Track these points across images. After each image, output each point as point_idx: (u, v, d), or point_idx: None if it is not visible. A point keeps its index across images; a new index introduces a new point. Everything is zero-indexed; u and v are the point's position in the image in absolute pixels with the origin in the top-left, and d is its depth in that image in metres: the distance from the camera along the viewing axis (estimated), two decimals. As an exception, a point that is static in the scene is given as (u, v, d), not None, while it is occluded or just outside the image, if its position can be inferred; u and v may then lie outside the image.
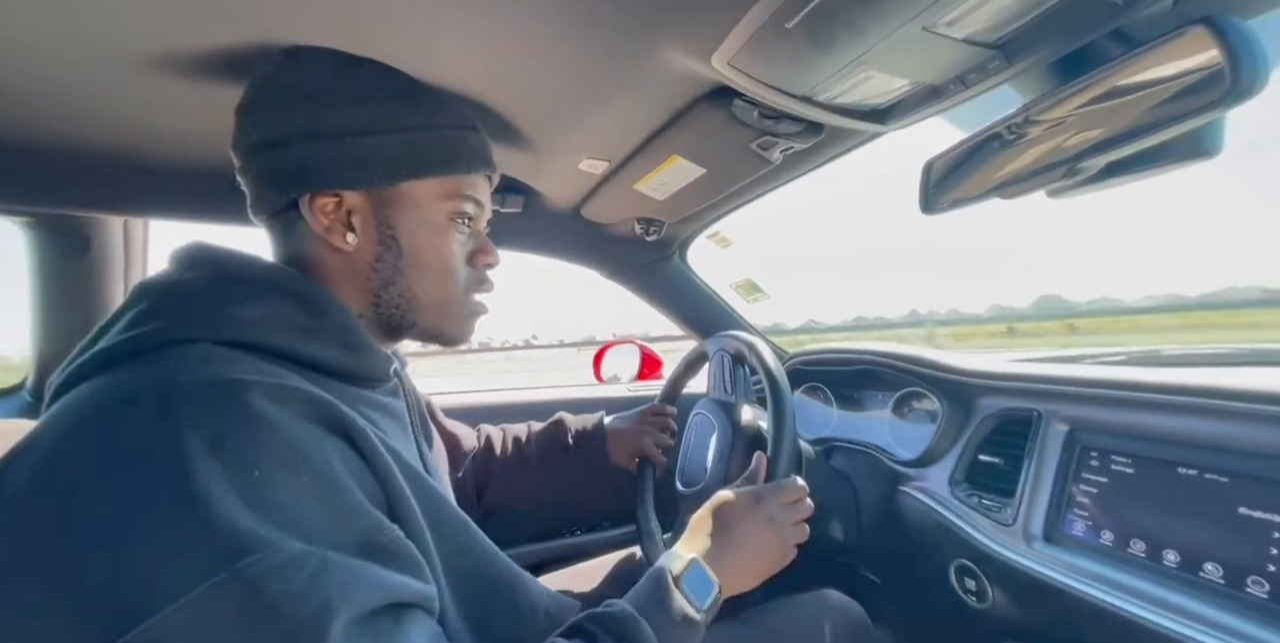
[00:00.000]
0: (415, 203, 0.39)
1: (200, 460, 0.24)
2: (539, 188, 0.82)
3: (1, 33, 0.42)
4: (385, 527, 0.29)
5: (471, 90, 0.54)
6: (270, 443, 0.27)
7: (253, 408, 0.27)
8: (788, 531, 0.45)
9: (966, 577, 0.59)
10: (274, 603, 0.23)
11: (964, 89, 0.45)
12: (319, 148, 0.37)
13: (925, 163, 0.57)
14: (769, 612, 0.62)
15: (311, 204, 0.37)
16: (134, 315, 0.31)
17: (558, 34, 0.45)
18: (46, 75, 0.48)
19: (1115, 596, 0.44)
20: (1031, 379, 0.61)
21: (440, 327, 0.42)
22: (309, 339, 0.34)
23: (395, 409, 0.41)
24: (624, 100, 0.56)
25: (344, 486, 0.28)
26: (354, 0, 0.40)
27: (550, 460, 0.68)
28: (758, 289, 1.16)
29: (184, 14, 0.41)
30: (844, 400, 0.90)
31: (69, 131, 0.58)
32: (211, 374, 0.28)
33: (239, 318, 0.32)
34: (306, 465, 0.27)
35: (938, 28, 0.37)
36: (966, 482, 0.65)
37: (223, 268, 0.35)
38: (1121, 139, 0.42)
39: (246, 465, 0.25)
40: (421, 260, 0.39)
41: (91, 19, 0.41)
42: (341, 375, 0.36)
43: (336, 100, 0.38)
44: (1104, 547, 0.49)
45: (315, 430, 0.29)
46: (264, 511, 0.25)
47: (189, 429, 0.25)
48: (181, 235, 0.43)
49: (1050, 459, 0.56)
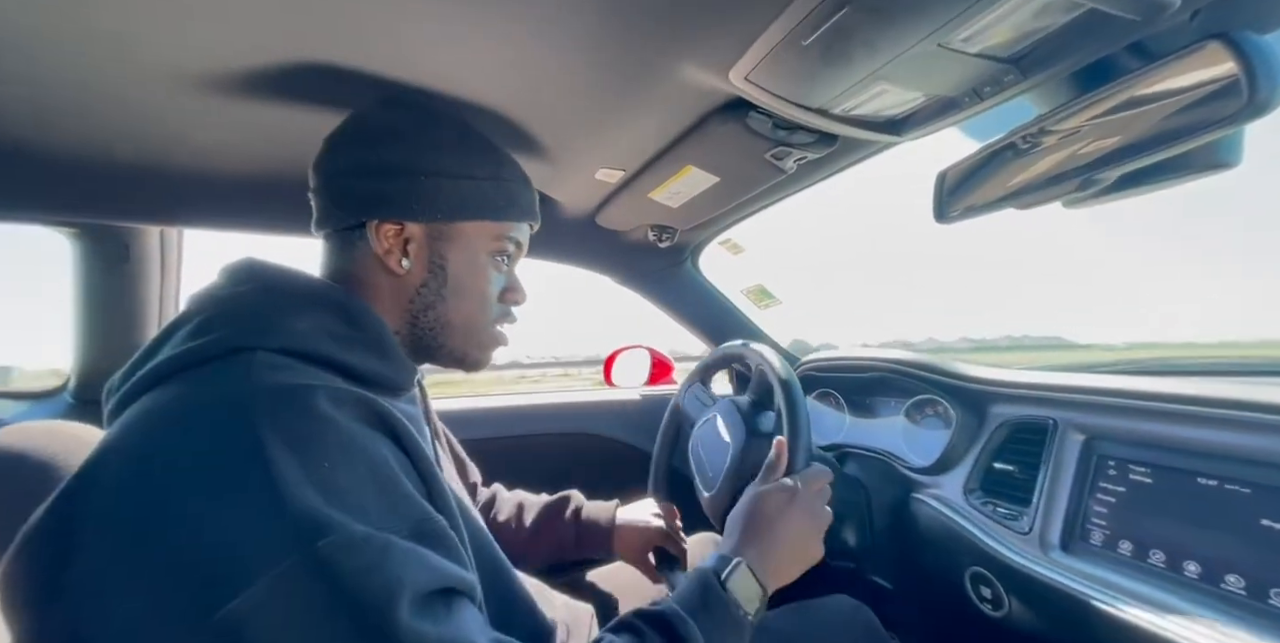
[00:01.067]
0: (467, 239, 0.44)
1: (279, 453, 0.27)
2: (556, 196, 0.84)
3: (50, 55, 0.45)
4: (432, 516, 0.31)
5: (495, 104, 0.56)
6: (334, 439, 0.30)
7: (318, 409, 0.30)
8: (821, 518, 0.48)
9: (982, 585, 0.59)
10: (348, 578, 0.25)
11: (979, 101, 0.46)
12: (395, 182, 0.42)
13: (939, 173, 0.58)
14: (780, 617, 0.61)
15: (377, 229, 0.41)
16: (195, 326, 0.34)
17: (580, 53, 0.46)
18: (90, 94, 0.51)
19: (1135, 606, 0.44)
20: (1047, 388, 0.61)
21: (465, 351, 0.45)
22: (348, 348, 0.37)
23: (415, 416, 0.44)
24: (641, 113, 0.58)
25: (396, 477, 0.31)
26: (383, 24, 0.42)
27: (548, 541, 0.65)
28: (769, 295, 1.17)
29: (220, 37, 0.43)
30: (856, 407, 0.90)
31: (111, 146, 0.61)
32: (279, 380, 0.31)
33: (289, 328, 0.35)
34: (364, 459, 0.30)
35: (953, 44, 0.38)
36: (981, 490, 0.65)
37: (271, 282, 0.38)
38: (1138, 149, 0.42)
39: (317, 458, 0.28)
40: (462, 290, 0.44)
41: (133, 41, 0.44)
42: (373, 383, 0.38)
43: (419, 143, 0.43)
44: (1123, 557, 0.49)
45: (367, 429, 0.32)
46: (335, 497, 0.27)
47: (266, 427, 0.28)
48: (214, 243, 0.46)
49: (1067, 468, 0.55)
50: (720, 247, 1.07)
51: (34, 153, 0.60)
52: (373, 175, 0.42)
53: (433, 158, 0.43)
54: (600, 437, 1.13)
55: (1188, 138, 0.38)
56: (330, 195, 0.43)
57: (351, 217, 0.42)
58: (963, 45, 0.38)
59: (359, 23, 0.42)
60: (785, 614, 0.62)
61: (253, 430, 0.28)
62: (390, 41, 0.45)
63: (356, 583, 0.25)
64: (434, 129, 0.44)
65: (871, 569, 0.79)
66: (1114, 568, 0.48)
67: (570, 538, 0.64)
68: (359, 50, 0.46)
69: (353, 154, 0.43)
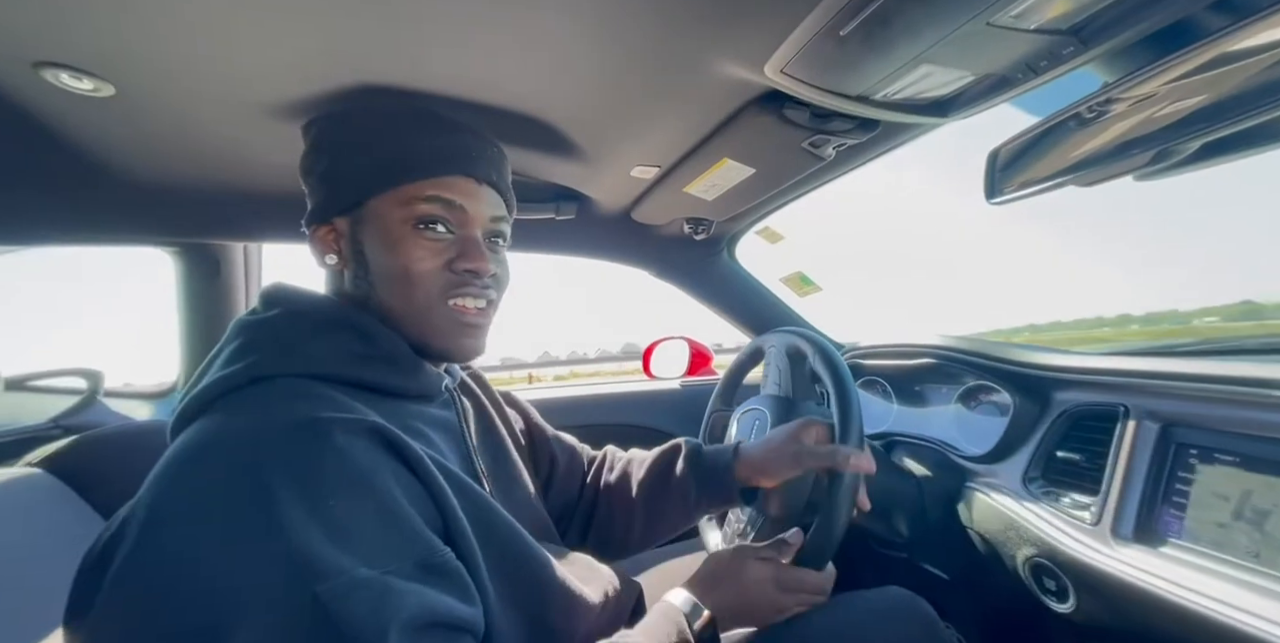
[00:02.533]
0: (378, 216, 0.41)
1: (285, 493, 0.28)
2: (592, 195, 0.86)
3: (152, 96, 0.51)
4: (438, 549, 0.32)
5: (534, 109, 0.58)
6: (343, 476, 0.30)
7: (330, 444, 0.31)
8: (791, 604, 0.48)
9: (1045, 576, 0.58)
10: (344, 625, 0.26)
11: (1034, 76, 0.43)
12: (312, 184, 0.44)
13: (991, 151, 0.55)
14: (831, 608, 0.61)
15: (313, 234, 0.43)
16: (231, 352, 0.37)
17: (616, 54, 0.47)
18: (185, 127, 0.58)
19: (1216, 602, 0.42)
20: (1116, 373, 0.57)
21: (424, 337, 0.41)
22: (365, 366, 0.38)
23: (448, 422, 0.44)
24: (675, 110, 0.58)
25: (404, 512, 0.31)
26: (423, 37, 0.45)
27: (665, 497, 0.57)
28: (809, 282, 1.14)
29: (287, 66, 0.48)
30: (904, 395, 0.88)
31: (203, 172, 0.69)
32: (296, 413, 0.32)
33: (311, 353, 0.37)
34: (372, 495, 0.31)
35: (1003, 21, 0.36)
36: (1043, 478, 0.62)
37: (294, 305, 0.40)
38: (1227, 109, 0.38)
39: (325, 495, 0.29)
40: (384, 271, 0.40)
41: (218, 79, 0.49)
42: (397, 394, 0.40)
43: (325, 143, 0.44)
44: (1204, 550, 0.46)
45: (379, 459, 0.32)
46: (340, 536, 0.28)
47: (276, 467, 0.29)
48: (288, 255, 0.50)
49: (1141, 456, 0.53)
50: (757, 236, 1.06)
51: (141, 182, 0.69)
52: (307, 188, 0.45)
53: (334, 149, 0.43)
54: (645, 427, 1.15)
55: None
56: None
57: (307, 230, 0.44)
58: (1014, 22, 0.36)
59: (409, 43, 0.46)
60: (840, 606, 0.61)
61: (261, 472, 0.29)
62: (439, 58, 0.48)
63: (352, 628, 0.26)
64: (339, 127, 0.44)
65: (926, 559, 0.77)
66: (1193, 562, 0.46)
67: (691, 488, 0.56)
68: (411, 68, 0.49)
69: (301, 176, 0.45)
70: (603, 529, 0.59)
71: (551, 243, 1.01)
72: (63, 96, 0.49)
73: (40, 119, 0.54)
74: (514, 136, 0.64)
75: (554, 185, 0.82)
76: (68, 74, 0.46)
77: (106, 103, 0.51)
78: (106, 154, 0.62)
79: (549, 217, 0.88)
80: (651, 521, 0.57)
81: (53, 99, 0.50)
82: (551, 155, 0.70)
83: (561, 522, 0.58)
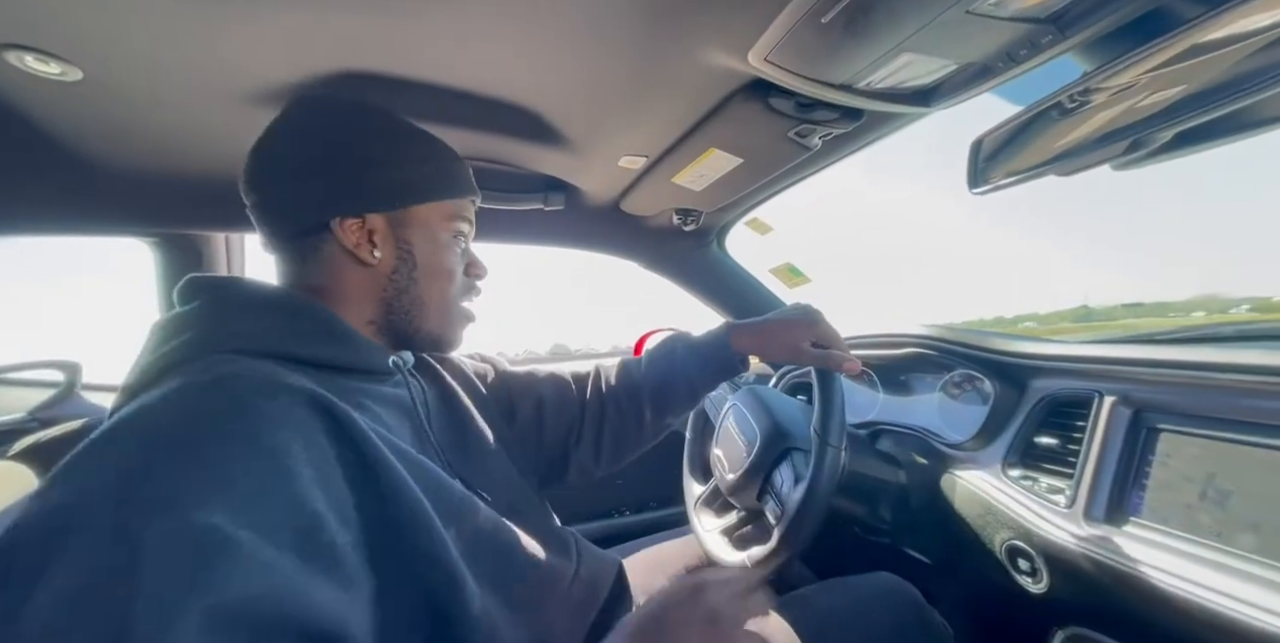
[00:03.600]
0: (425, 221, 0.45)
1: (170, 452, 0.26)
2: (580, 185, 0.85)
3: (121, 81, 0.50)
4: (324, 526, 0.28)
5: (518, 98, 0.58)
6: (242, 430, 0.28)
7: (238, 398, 0.29)
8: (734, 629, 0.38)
9: (1020, 558, 0.59)
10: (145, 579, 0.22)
11: (1014, 65, 0.44)
12: (346, 177, 0.42)
13: (974, 140, 0.55)
14: (822, 594, 0.62)
15: (342, 225, 0.42)
16: (148, 348, 0.35)
17: (596, 41, 0.47)
18: (164, 116, 0.57)
19: (1183, 579, 0.44)
20: (1090, 360, 0.59)
21: (441, 330, 0.47)
22: (300, 340, 0.38)
23: (399, 400, 0.43)
24: (661, 99, 0.58)
25: (299, 476, 0.28)
26: (407, 24, 0.44)
27: (669, 379, 0.60)
28: (798, 272, 1.15)
29: (266, 55, 0.47)
30: (890, 384, 0.89)
31: (182, 162, 0.67)
32: (213, 374, 0.31)
33: (233, 331, 0.36)
34: (272, 454, 0.28)
35: (981, 9, 0.36)
36: (1021, 464, 0.64)
37: (214, 293, 0.39)
38: (1206, 98, 0.39)
39: (216, 451, 0.27)
40: (431, 270, 0.45)
41: (196, 68, 0.48)
42: (339, 368, 0.39)
43: (358, 136, 0.43)
44: (1172, 531, 0.48)
45: (301, 417, 0.31)
46: (215, 485, 0.26)
47: (175, 421, 0.28)
48: None
49: (1114, 441, 0.54)
50: (746, 227, 1.06)
51: (120, 172, 0.67)
52: (322, 175, 0.41)
53: (374, 148, 0.43)
54: None
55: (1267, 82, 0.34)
56: (280, 205, 0.42)
57: (310, 219, 0.42)
58: (992, 9, 0.36)
59: (392, 29, 0.45)
60: (827, 591, 0.63)
61: (157, 436, 0.27)
62: (423, 46, 0.47)
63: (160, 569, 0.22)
64: (364, 120, 0.44)
65: (909, 544, 0.79)
66: (1160, 541, 0.48)
67: (693, 366, 0.59)
68: (395, 56, 0.49)
69: (295, 159, 0.42)
70: (616, 431, 0.61)
71: (540, 234, 1.00)
72: (29, 80, 0.48)
73: (6, 104, 0.52)
74: (500, 126, 0.64)
75: (542, 176, 0.82)
76: (33, 57, 0.44)
77: (74, 87, 0.49)
78: (77, 141, 0.61)
79: (537, 207, 0.87)
80: (659, 407, 0.60)
81: (19, 83, 0.48)
82: (538, 145, 0.69)
83: (568, 440, 0.60)
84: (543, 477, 0.59)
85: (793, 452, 0.65)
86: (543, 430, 0.59)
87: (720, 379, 0.61)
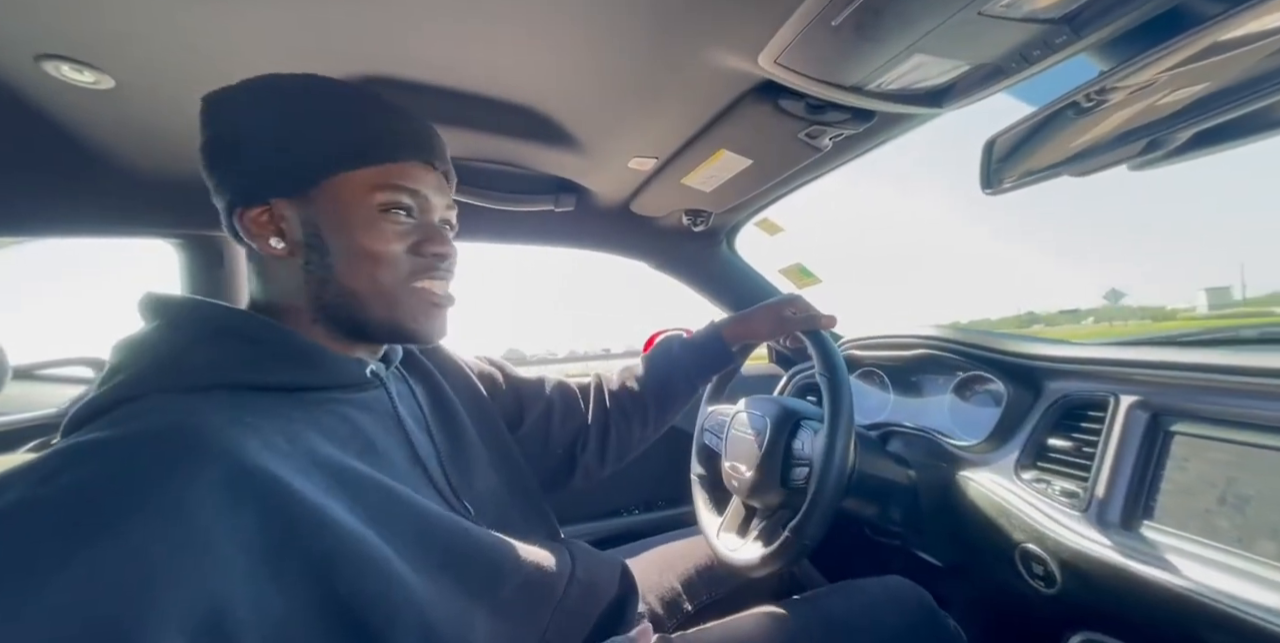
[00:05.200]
0: (338, 200, 0.39)
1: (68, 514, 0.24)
2: (590, 186, 0.86)
3: (151, 89, 0.52)
4: (227, 610, 0.26)
5: (526, 98, 0.59)
6: (154, 504, 0.26)
7: (136, 465, 0.26)
8: None
9: (1033, 562, 0.59)
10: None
11: (1027, 65, 0.43)
12: (244, 163, 0.38)
13: (987, 140, 0.55)
14: (831, 596, 0.62)
15: (241, 218, 0.38)
16: (104, 373, 0.34)
17: (610, 45, 0.48)
18: (184, 121, 0.58)
19: (1202, 586, 0.43)
20: (1106, 362, 0.58)
21: (395, 319, 0.40)
22: (260, 368, 0.35)
23: (377, 407, 0.41)
24: (671, 101, 0.58)
25: (178, 582, 0.25)
26: (421, 29, 0.45)
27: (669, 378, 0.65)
28: (808, 273, 1.15)
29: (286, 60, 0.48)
30: (900, 386, 0.89)
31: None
32: (122, 431, 0.28)
33: (188, 366, 0.33)
34: (174, 531, 0.26)
35: (993, 10, 0.36)
36: (1034, 467, 0.63)
37: (168, 316, 0.36)
38: (1228, 96, 0.38)
39: (107, 525, 0.24)
40: (349, 254, 0.39)
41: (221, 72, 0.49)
42: (301, 388, 0.36)
43: (256, 118, 0.39)
44: (1189, 535, 0.47)
45: (194, 505, 0.27)
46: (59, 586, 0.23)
47: (72, 485, 0.25)
48: None
49: (1130, 444, 0.53)
50: (756, 228, 1.06)
51: (144, 174, 0.70)
52: (225, 166, 0.39)
53: (273, 125, 0.38)
54: None
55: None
56: (218, 202, 0.40)
57: (227, 216, 0.39)
58: (1004, 10, 0.36)
59: (407, 34, 0.46)
60: (837, 594, 0.62)
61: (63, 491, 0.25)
62: (436, 49, 0.49)
63: None
64: (268, 99, 0.40)
65: (919, 546, 0.79)
66: (1178, 546, 0.47)
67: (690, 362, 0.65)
68: (409, 60, 0.50)
69: (208, 155, 0.39)
70: (621, 433, 0.64)
71: (550, 235, 1.01)
72: (64, 89, 0.50)
73: (42, 111, 0.54)
74: (511, 128, 0.64)
75: (552, 177, 0.83)
76: (69, 66, 0.46)
77: (107, 95, 0.52)
78: (108, 146, 0.63)
79: (548, 208, 0.88)
80: (662, 406, 0.65)
81: (54, 91, 0.51)
82: (549, 147, 0.70)
83: (575, 447, 0.62)
84: (547, 480, 0.59)
85: (804, 421, 0.65)
86: (549, 437, 0.59)
87: (713, 369, 0.66)
